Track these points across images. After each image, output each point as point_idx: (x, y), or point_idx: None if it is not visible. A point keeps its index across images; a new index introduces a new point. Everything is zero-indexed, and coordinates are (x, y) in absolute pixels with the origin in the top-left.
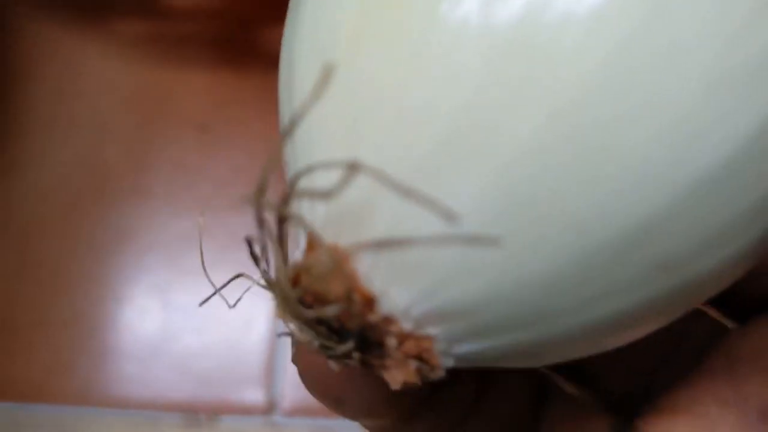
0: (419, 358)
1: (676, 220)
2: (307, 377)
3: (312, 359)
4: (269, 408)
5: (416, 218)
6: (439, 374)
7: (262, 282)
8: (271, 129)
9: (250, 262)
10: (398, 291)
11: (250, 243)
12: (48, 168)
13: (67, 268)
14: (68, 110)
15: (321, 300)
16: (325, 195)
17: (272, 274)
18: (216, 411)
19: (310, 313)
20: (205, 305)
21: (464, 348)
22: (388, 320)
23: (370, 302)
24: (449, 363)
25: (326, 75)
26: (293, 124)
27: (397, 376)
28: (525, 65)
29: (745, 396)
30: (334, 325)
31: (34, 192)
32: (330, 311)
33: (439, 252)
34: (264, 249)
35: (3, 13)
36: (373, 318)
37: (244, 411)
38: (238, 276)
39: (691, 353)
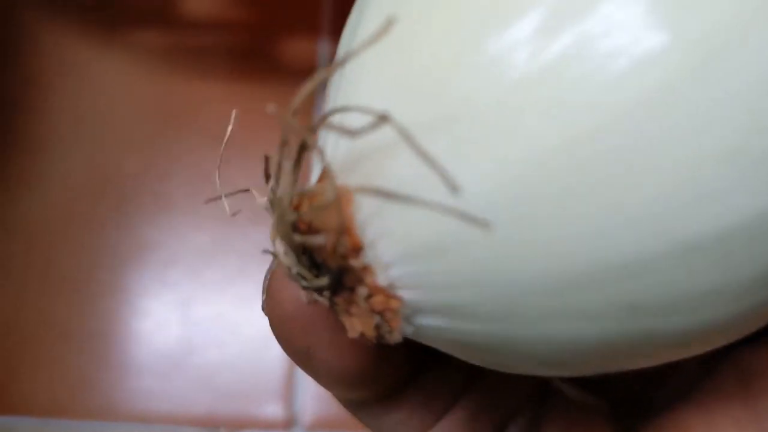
0: (382, 315)
1: (661, 270)
2: (275, 321)
3: (282, 302)
4: (290, 422)
5: (427, 182)
6: (396, 339)
7: (266, 203)
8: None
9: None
10: (386, 246)
11: (266, 160)
12: (66, 180)
13: (87, 282)
14: (86, 121)
15: (313, 231)
16: (349, 133)
17: (279, 193)
18: (237, 425)
19: (299, 239)
20: (226, 320)
21: (426, 321)
22: (367, 270)
23: (356, 248)
24: (408, 330)
25: (386, 26)
26: (343, 61)
27: (356, 325)
28: (557, 86)
29: (761, 415)
30: (316, 258)
31: (52, 205)
32: (317, 241)
33: (434, 224)
34: (278, 169)
35: (19, 25)
36: (354, 263)
37: (265, 425)
38: (245, 190)
39: (697, 363)
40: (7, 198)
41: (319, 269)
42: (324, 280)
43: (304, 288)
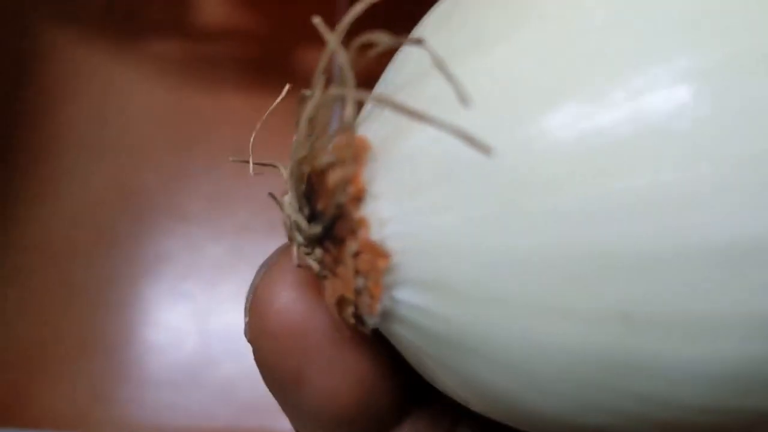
0: (366, 278)
1: (660, 273)
2: (262, 340)
3: (271, 317)
4: None
5: (447, 107)
6: (374, 313)
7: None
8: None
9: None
10: (388, 202)
11: (302, 99)
12: (84, 192)
13: (105, 294)
14: (104, 133)
15: (322, 169)
16: (381, 41)
17: (300, 121)
18: None
19: (306, 167)
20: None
21: (406, 295)
22: (363, 222)
23: (359, 195)
24: (387, 303)
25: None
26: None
27: (337, 287)
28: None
29: None
30: (315, 208)
31: (70, 217)
32: (325, 160)
33: (443, 184)
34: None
35: (36, 36)
36: (352, 211)
37: None
38: (272, 165)
39: None
40: (24, 209)
41: (316, 219)
42: (318, 228)
43: (298, 245)
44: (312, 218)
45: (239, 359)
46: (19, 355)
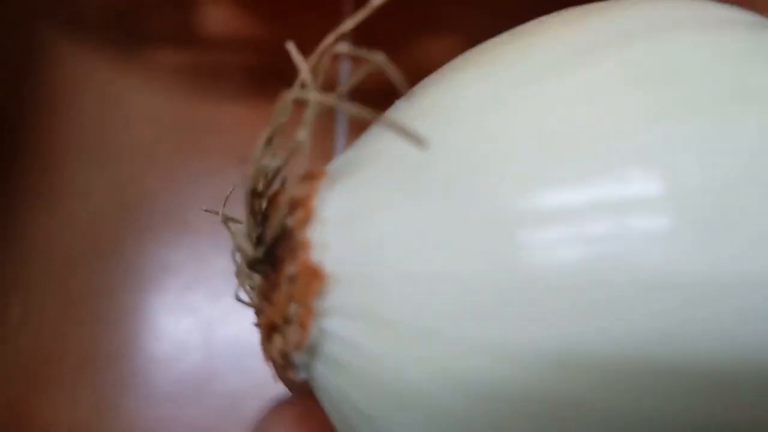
0: (299, 304)
1: (614, 309)
2: None
3: None
4: None
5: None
6: (302, 347)
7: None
8: (310, 161)
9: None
10: (333, 226)
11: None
12: (87, 202)
13: (108, 305)
14: (108, 143)
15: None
16: (352, 53)
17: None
18: None
19: (260, 167)
20: (249, 344)
21: (334, 325)
22: (305, 244)
23: (306, 218)
24: (315, 335)
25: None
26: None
27: (269, 315)
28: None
29: None
30: (263, 231)
31: (74, 225)
32: (273, 163)
33: (387, 210)
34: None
35: (39, 43)
36: (297, 233)
37: None
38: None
39: None
40: (26, 219)
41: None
42: (260, 251)
43: (241, 271)
44: (259, 243)
45: (244, 372)
46: (21, 367)
